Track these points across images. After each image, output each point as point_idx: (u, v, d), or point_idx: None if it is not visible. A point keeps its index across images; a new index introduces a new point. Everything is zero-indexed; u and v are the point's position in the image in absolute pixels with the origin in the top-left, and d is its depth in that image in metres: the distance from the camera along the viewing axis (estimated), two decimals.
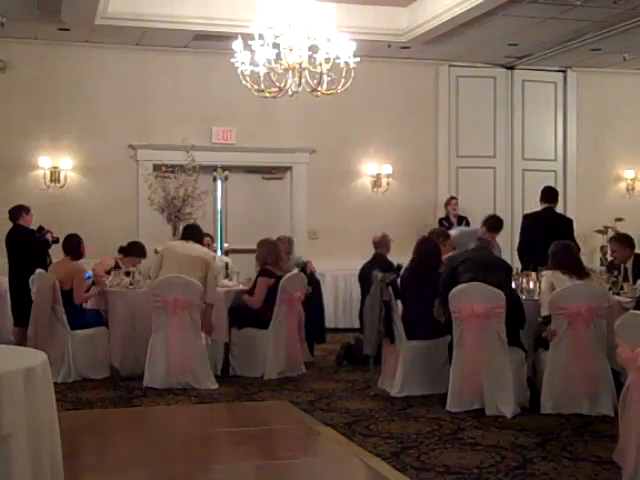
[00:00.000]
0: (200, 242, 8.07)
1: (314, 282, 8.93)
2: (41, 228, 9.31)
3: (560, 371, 6.36)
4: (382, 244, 8.89)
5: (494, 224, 8.78)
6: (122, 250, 8.96)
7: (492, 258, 6.98)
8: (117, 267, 8.62)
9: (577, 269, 6.67)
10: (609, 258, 9.10)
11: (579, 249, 7.21)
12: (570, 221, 8.95)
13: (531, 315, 6.80)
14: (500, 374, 6.34)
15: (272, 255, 8.24)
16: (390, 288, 7.09)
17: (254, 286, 8.13)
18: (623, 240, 7.89)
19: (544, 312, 6.53)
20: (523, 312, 6.68)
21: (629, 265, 7.72)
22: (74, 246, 8.02)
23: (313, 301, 8.68)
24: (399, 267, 7.97)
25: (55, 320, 7.73)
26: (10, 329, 9.31)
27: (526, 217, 9.17)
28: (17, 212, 9.23)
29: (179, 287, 7.43)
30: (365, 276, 8.22)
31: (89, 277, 8.19)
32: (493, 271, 6.64)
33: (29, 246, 9.08)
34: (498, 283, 6.49)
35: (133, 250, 8.86)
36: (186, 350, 7.43)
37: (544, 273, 6.84)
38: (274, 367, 7.84)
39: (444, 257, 7.46)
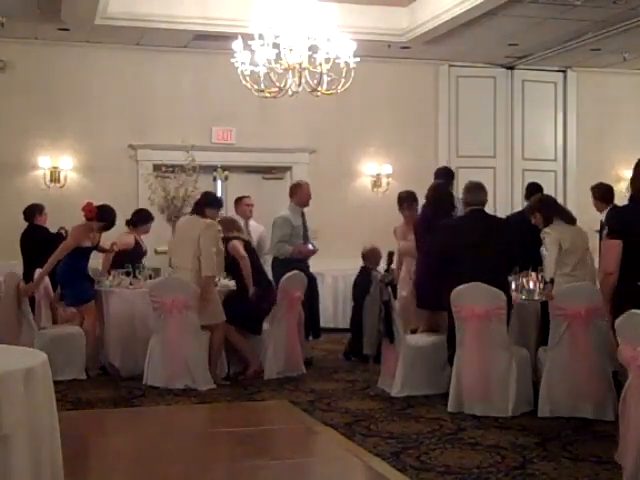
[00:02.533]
0: (203, 214, 7.58)
1: (310, 278, 8.87)
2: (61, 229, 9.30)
3: (559, 373, 6.29)
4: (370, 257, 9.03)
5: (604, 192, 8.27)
6: (130, 223, 8.86)
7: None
8: (137, 245, 8.66)
9: (567, 214, 6.88)
10: None
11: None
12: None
13: (531, 315, 6.80)
14: (502, 375, 6.33)
15: (233, 225, 8.17)
16: (389, 288, 7.09)
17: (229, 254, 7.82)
18: (600, 191, 8.14)
19: (550, 275, 6.40)
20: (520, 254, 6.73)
21: (602, 217, 7.88)
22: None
23: (309, 296, 8.64)
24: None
25: (22, 319, 7.69)
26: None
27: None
28: (31, 212, 9.16)
29: (176, 288, 7.42)
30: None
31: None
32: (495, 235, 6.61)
33: (46, 246, 8.99)
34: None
35: (142, 218, 8.86)
36: (184, 351, 7.41)
37: (546, 230, 6.59)
38: (274, 367, 7.84)
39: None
